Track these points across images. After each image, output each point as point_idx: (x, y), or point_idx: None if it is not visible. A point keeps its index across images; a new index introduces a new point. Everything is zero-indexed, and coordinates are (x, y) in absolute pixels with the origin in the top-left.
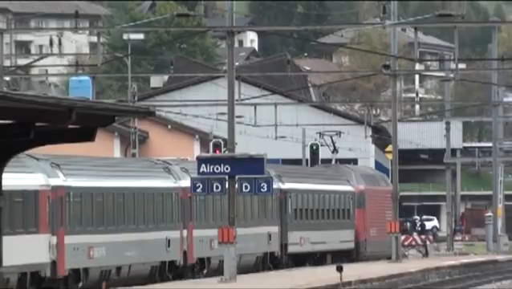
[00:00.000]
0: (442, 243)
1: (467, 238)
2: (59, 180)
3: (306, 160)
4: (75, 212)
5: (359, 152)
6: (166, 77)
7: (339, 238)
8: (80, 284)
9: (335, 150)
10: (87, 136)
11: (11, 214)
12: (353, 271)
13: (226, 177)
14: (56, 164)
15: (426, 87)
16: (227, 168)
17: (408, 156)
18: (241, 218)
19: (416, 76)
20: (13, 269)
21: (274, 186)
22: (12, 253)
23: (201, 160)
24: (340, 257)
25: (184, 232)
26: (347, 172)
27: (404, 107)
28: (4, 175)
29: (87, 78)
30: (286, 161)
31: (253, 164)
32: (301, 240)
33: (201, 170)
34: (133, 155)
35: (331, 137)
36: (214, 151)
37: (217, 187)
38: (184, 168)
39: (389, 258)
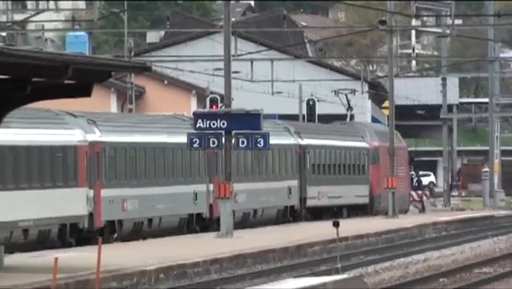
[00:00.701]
0: (439, 199)
1: (463, 194)
2: (96, 136)
3: (303, 115)
4: (110, 166)
5: (356, 108)
6: (162, 32)
7: (355, 193)
8: (115, 235)
9: (350, 108)
10: (83, 91)
11: (52, 169)
12: (350, 227)
13: (223, 132)
14: (92, 120)
15: (422, 43)
16: (223, 124)
17: (404, 112)
18: (263, 173)
19: (413, 32)
20: (54, 220)
21: (294, 142)
22: (53, 205)
23: (197, 116)
24: (355, 211)
25: (210, 186)
26: (361, 129)
27: (401, 63)
28: (45, 131)
29: (83, 33)
30: (282, 117)
31: (250, 120)
32: (319, 194)
33: (198, 125)
34: (130, 110)
35: (346, 95)
36: (211, 106)
37: (213, 142)
38: None
39: (402, 212)
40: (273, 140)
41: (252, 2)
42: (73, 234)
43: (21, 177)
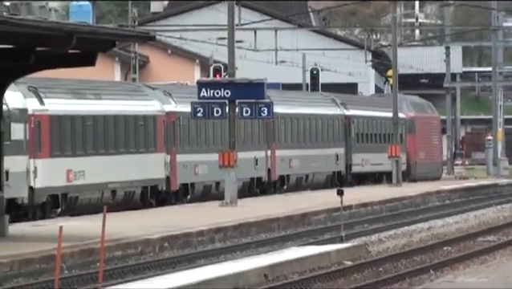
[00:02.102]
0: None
1: (467, 162)
2: (171, 106)
3: (307, 84)
4: (183, 134)
5: (359, 77)
6: (166, 2)
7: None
8: (188, 197)
9: (386, 81)
10: (87, 60)
11: (136, 136)
12: (355, 195)
13: (227, 102)
14: (168, 92)
15: (426, 12)
16: (227, 93)
17: (408, 81)
18: (313, 140)
19: (416, 1)
20: (137, 183)
21: (340, 112)
22: (137, 169)
23: (201, 85)
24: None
25: (268, 152)
26: (398, 100)
27: (404, 32)
28: (130, 102)
29: (87, 3)
30: (286, 86)
31: (254, 89)
32: (362, 161)
33: (202, 95)
34: (133, 80)
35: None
36: (214, 75)
37: (217, 111)
38: (268, 96)
39: (435, 178)
40: (321, 111)
41: None
42: (153, 195)
43: (109, 144)
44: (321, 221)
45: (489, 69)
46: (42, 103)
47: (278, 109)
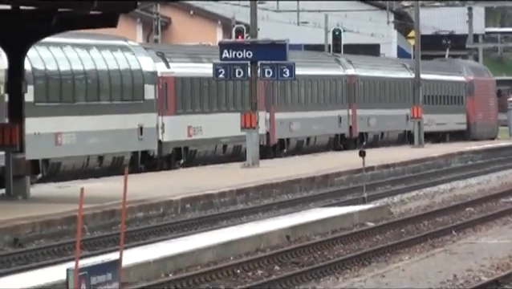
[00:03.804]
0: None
1: None
2: None
3: (329, 45)
4: (280, 94)
5: (381, 38)
6: None
7: (455, 121)
8: (284, 150)
9: (448, 45)
10: (109, 21)
11: (242, 96)
12: (377, 156)
13: (248, 63)
14: None
15: None
16: (249, 54)
17: (430, 42)
18: (387, 101)
19: None
20: (243, 138)
21: (409, 75)
22: (239, 126)
23: (223, 46)
24: (456, 136)
25: (350, 111)
26: (458, 65)
27: None
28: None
29: None
30: (308, 47)
31: (275, 50)
32: (429, 121)
33: (224, 56)
34: (155, 41)
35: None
36: (236, 37)
37: (239, 72)
38: (349, 60)
39: (491, 138)
40: (394, 75)
41: None
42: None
43: (221, 103)
44: (343, 182)
45: None
46: (168, 66)
47: (358, 72)
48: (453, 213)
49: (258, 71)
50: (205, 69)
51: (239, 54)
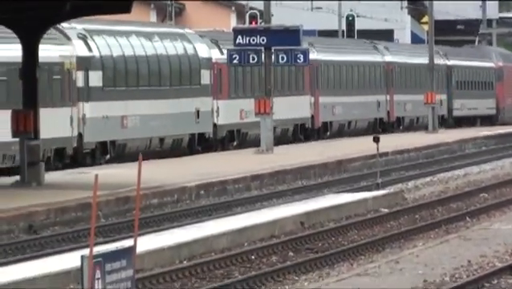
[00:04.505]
0: None
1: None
2: (315, 55)
3: (342, 31)
4: (324, 79)
5: (395, 23)
6: None
7: (486, 106)
8: (328, 133)
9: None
10: (122, 7)
11: (289, 80)
12: (391, 142)
13: (262, 49)
14: (310, 42)
15: None
16: (263, 40)
17: (444, 27)
18: (419, 86)
19: None
20: (291, 121)
21: (443, 62)
22: (289, 110)
23: (237, 32)
24: (486, 120)
25: (388, 96)
26: (488, 51)
27: None
28: None
29: None
30: (322, 33)
31: (289, 36)
32: (461, 106)
33: (238, 42)
34: None
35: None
36: (250, 22)
37: (253, 58)
38: (386, 47)
39: None
40: (427, 61)
41: None
42: (302, 131)
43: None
44: (357, 168)
45: None
46: (222, 53)
47: (395, 59)
48: (466, 199)
49: (272, 56)
50: None
51: (253, 40)
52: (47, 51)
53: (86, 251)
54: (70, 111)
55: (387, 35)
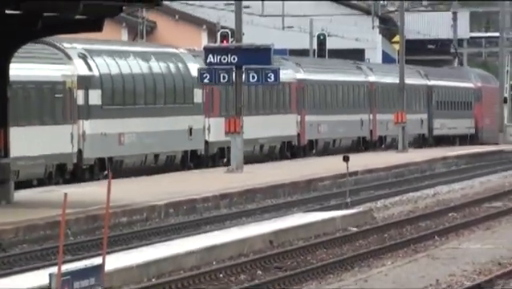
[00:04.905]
0: None
1: None
2: (301, 74)
3: (314, 50)
4: (310, 98)
5: (366, 43)
6: None
7: (465, 125)
8: (313, 151)
9: (457, 55)
10: (94, 26)
11: (276, 99)
12: (360, 161)
13: (233, 68)
14: (298, 63)
15: None
16: (234, 59)
17: (415, 47)
18: (399, 106)
19: None
20: (278, 139)
21: (424, 83)
22: (276, 128)
23: (208, 51)
24: (465, 140)
25: (371, 116)
26: (467, 72)
27: None
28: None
29: None
30: (293, 52)
31: (260, 55)
32: (441, 125)
33: (208, 60)
34: None
35: (456, 49)
36: (221, 41)
37: (224, 77)
38: (370, 67)
39: (497, 143)
40: (410, 81)
41: None
42: (288, 149)
43: (258, 106)
44: (326, 187)
45: (497, 34)
46: None
47: (378, 79)
48: (435, 218)
49: (243, 75)
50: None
51: (224, 59)
52: (51, 71)
53: (54, 269)
54: (71, 128)
55: (358, 55)
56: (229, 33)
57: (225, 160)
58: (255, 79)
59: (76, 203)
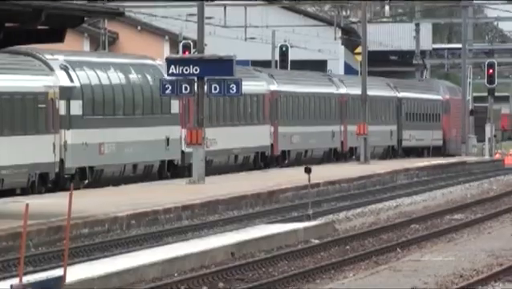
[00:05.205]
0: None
1: None
2: (275, 86)
3: (276, 61)
4: (283, 110)
5: (329, 54)
6: None
7: (433, 137)
8: (286, 161)
9: (424, 67)
10: (56, 36)
11: (251, 110)
12: (323, 173)
13: (195, 79)
14: (271, 74)
15: None
16: (196, 70)
17: (377, 58)
18: (374, 118)
19: None
20: (252, 149)
21: (394, 95)
22: (250, 139)
23: (170, 62)
24: (433, 151)
25: (342, 127)
26: (435, 84)
27: (374, 9)
28: (246, 82)
29: None
30: (255, 63)
31: (223, 66)
32: (410, 137)
33: (170, 71)
34: None
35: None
36: (183, 52)
37: (185, 88)
38: (341, 80)
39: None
40: (379, 92)
41: None
42: (262, 159)
43: (234, 116)
44: (289, 198)
45: (459, 46)
46: None
47: (348, 90)
48: (397, 230)
49: (205, 86)
50: None
51: (186, 70)
52: (34, 82)
53: (15, 280)
54: (53, 138)
55: (320, 66)
56: (192, 44)
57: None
58: (217, 91)
59: (38, 214)
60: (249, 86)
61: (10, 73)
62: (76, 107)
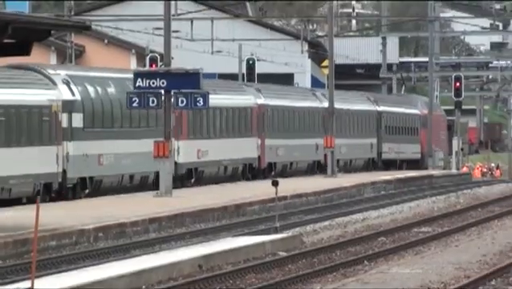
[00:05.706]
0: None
1: None
2: (262, 100)
3: (243, 74)
4: (269, 123)
5: (295, 67)
6: None
7: (411, 150)
8: (272, 173)
9: (404, 84)
10: (23, 50)
11: (239, 123)
12: (289, 186)
13: (162, 92)
14: (258, 89)
15: (363, 2)
16: (163, 83)
17: (344, 71)
18: (355, 132)
19: None
20: (240, 161)
21: (374, 108)
22: (238, 150)
23: (137, 75)
24: (411, 164)
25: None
26: (413, 99)
27: (341, 23)
28: (235, 96)
29: None
30: (222, 76)
31: (189, 79)
32: (389, 150)
33: (137, 84)
34: None
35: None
36: (150, 65)
37: (152, 101)
38: (324, 94)
39: (443, 168)
40: (360, 107)
41: None
42: (250, 171)
43: (223, 130)
44: (256, 211)
45: (426, 59)
46: None
47: (339, 105)
48: (365, 243)
49: (172, 99)
50: (211, 100)
51: (153, 83)
52: (39, 96)
53: None
54: (56, 150)
55: (287, 79)
56: (158, 57)
57: (193, 180)
58: (184, 104)
59: (5, 227)
60: (238, 100)
61: (17, 87)
62: (77, 120)
